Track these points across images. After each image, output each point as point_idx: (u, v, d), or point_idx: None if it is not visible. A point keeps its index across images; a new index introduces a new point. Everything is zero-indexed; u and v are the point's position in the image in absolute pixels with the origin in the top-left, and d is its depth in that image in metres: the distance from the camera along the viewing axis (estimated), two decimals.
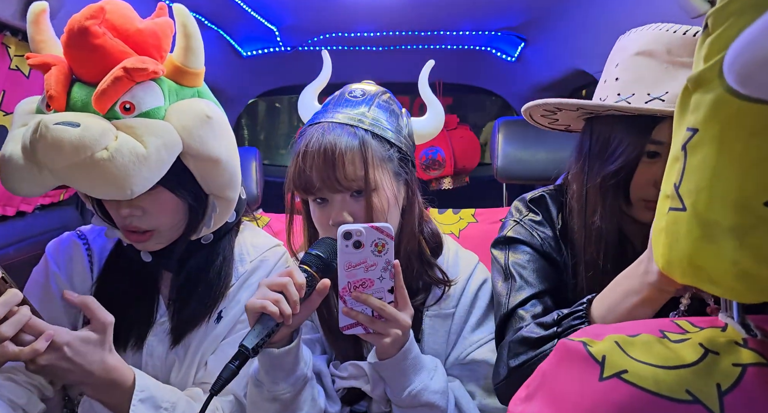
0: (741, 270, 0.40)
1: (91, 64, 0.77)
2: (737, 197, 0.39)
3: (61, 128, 0.71)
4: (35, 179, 0.76)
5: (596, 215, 0.89)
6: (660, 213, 0.47)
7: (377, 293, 0.85)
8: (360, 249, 0.83)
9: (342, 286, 0.84)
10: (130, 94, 0.79)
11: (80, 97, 0.78)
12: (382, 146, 0.93)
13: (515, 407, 0.49)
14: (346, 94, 0.99)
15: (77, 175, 0.75)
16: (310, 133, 0.93)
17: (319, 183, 0.90)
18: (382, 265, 0.84)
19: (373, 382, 0.95)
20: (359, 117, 0.94)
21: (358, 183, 0.90)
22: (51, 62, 0.77)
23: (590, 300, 0.80)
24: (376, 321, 0.84)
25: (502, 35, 2.03)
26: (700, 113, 0.41)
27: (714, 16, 0.40)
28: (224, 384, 0.74)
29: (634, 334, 0.46)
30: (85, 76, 0.79)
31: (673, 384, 0.41)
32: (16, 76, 1.14)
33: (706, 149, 0.41)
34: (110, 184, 0.76)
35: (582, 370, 0.45)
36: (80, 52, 0.76)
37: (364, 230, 0.82)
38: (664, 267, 0.47)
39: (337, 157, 0.89)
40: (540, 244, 0.97)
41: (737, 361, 0.42)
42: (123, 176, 0.76)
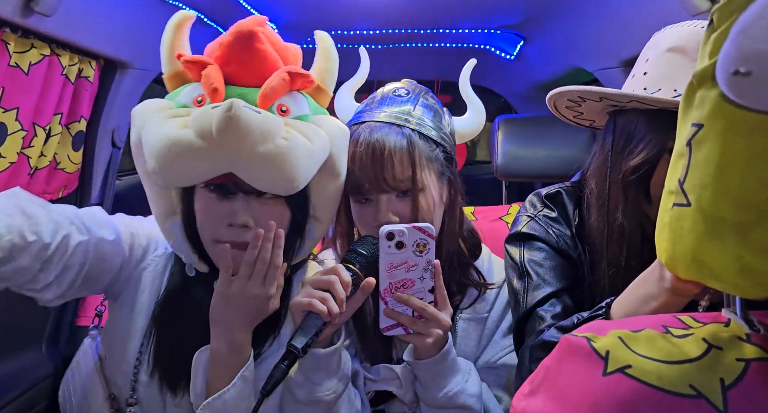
0: (744, 266, 0.40)
1: (250, 66, 0.79)
2: (741, 193, 0.40)
3: (250, 111, 0.70)
4: (208, 163, 0.73)
5: (618, 212, 0.86)
6: (664, 209, 0.47)
7: (418, 293, 0.85)
8: (402, 250, 0.83)
9: (383, 287, 0.84)
10: (285, 98, 0.81)
11: (234, 95, 0.77)
12: (428, 145, 0.93)
13: (518, 402, 0.49)
14: (391, 93, 0.99)
15: (256, 161, 0.73)
16: (357, 132, 0.93)
17: (368, 184, 0.90)
18: (423, 265, 0.84)
19: (406, 386, 0.94)
20: (405, 116, 0.93)
21: (406, 183, 0.90)
22: (206, 61, 0.79)
23: (609, 304, 0.78)
24: (417, 321, 0.85)
25: (501, 33, 2.02)
26: (704, 109, 0.41)
27: (719, 11, 0.41)
28: (276, 384, 0.73)
29: (637, 329, 0.47)
30: (239, 78, 0.80)
31: (677, 379, 0.41)
32: (15, 72, 1.14)
33: (711, 144, 0.41)
34: (283, 174, 0.75)
35: (586, 365, 0.45)
36: (244, 53, 0.78)
37: (407, 230, 0.83)
38: (667, 263, 0.47)
39: (386, 157, 0.88)
40: (556, 241, 0.95)
41: (741, 356, 0.42)
42: (296, 167, 0.75)
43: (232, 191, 0.80)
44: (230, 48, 0.79)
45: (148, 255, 0.95)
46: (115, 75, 1.50)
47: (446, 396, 0.88)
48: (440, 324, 0.85)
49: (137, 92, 1.64)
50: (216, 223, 0.82)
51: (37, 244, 0.73)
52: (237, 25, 0.79)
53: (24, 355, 1.41)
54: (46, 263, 0.76)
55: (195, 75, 0.82)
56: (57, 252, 0.76)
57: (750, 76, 0.34)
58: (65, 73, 1.29)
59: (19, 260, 0.71)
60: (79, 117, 1.41)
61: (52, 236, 0.75)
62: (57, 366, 1.48)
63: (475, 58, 1.07)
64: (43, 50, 1.19)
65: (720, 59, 0.36)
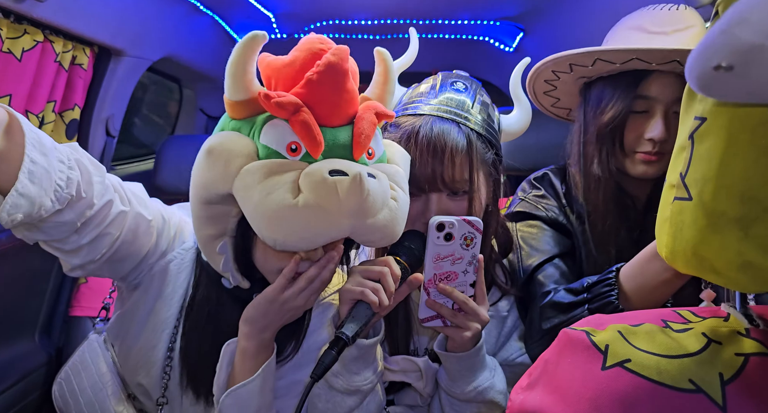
0: (745, 261, 0.40)
1: (340, 107, 0.74)
2: (744, 188, 0.39)
3: (373, 182, 0.70)
4: (330, 231, 0.71)
5: (593, 165, 1.00)
6: (665, 203, 0.47)
7: (460, 286, 0.86)
8: (450, 242, 0.83)
9: (428, 278, 0.84)
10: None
11: (326, 140, 0.73)
12: (483, 146, 0.91)
13: (517, 395, 0.49)
14: (449, 85, 0.95)
15: (374, 228, 0.73)
16: (416, 125, 0.89)
17: (425, 182, 0.87)
18: (468, 259, 0.85)
19: (426, 379, 0.94)
20: (465, 113, 0.91)
21: (462, 184, 0.88)
22: (299, 105, 0.71)
23: (618, 269, 0.85)
24: (457, 314, 0.85)
25: (500, 25, 2.01)
26: (708, 102, 0.41)
27: (724, 3, 0.40)
28: (326, 369, 0.73)
29: (636, 323, 0.46)
30: (324, 118, 0.74)
31: (676, 374, 0.41)
32: (7, 58, 1.12)
33: (714, 138, 0.41)
34: (393, 235, 0.77)
35: (585, 359, 0.45)
36: (335, 95, 0.72)
37: (456, 222, 0.83)
38: (667, 257, 0.47)
39: (447, 157, 0.86)
40: (545, 215, 1.06)
41: (740, 351, 0.42)
42: (402, 225, 0.78)
43: None
44: (321, 88, 0.71)
45: (175, 247, 0.93)
46: (110, 63, 1.48)
47: (476, 390, 0.88)
48: (479, 319, 0.85)
49: (132, 80, 1.62)
50: (286, 256, 0.80)
51: (84, 202, 0.72)
52: (325, 63, 0.70)
53: (17, 345, 1.41)
54: (85, 225, 0.75)
55: (281, 115, 0.72)
56: (98, 215, 0.76)
57: (731, 71, 0.33)
58: (59, 60, 1.27)
59: (65, 214, 0.70)
60: (72, 105, 1.40)
61: (99, 198, 0.75)
62: (50, 355, 1.48)
63: (528, 57, 1.03)
64: (36, 36, 1.17)
65: (698, 52, 0.35)
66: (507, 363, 1.00)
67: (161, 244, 0.91)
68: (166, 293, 0.91)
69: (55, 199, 0.67)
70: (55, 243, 0.75)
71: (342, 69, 0.70)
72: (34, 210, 0.64)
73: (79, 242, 0.76)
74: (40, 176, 0.64)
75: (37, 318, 1.49)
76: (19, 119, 0.65)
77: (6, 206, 0.62)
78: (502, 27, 2.03)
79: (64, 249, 0.76)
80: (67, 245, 0.76)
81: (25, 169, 0.62)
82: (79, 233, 0.75)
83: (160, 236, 0.90)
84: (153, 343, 0.90)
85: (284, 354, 0.92)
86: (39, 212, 0.65)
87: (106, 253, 0.80)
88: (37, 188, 0.64)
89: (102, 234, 0.78)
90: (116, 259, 0.84)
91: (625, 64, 0.94)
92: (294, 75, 0.74)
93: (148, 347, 0.90)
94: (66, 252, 0.77)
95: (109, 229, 0.78)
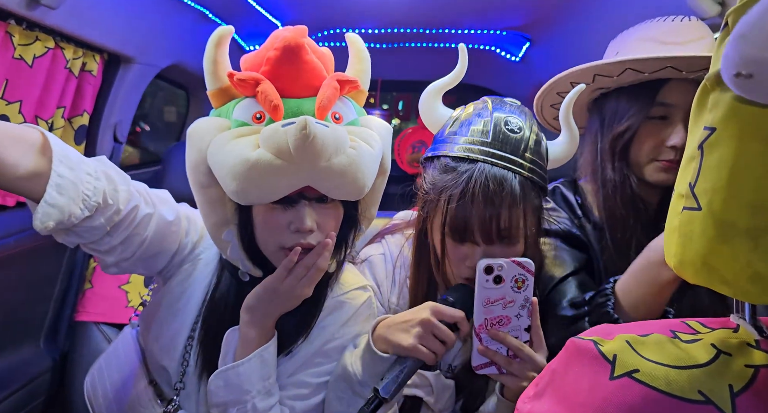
0: (755, 272, 0.40)
1: (299, 78, 0.81)
2: (754, 198, 0.39)
3: (322, 127, 0.73)
4: (287, 180, 0.76)
5: (608, 169, 1.01)
6: (673, 212, 0.47)
7: (513, 331, 0.82)
8: (500, 285, 0.81)
9: (479, 323, 0.81)
10: (337, 105, 0.84)
11: (290, 108, 0.80)
12: (535, 194, 0.89)
13: (523, 405, 0.48)
14: (504, 127, 0.89)
15: (331, 172, 0.77)
16: (468, 172, 0.86)
17: (479, 233, 0.85)
18: (521, 302, 0.81)
19: (437, 394, 0.93)
20: (520, 160, 0.87)
21: (515, 233, 0.86)
22: (258, 78, 0.80)
23: (615, 280, 0.86)
24: (512, 362, 0.81)
25: (507, 35, 2.02)
26: (718, 112, 0.41)
27: (734, 14, 0.40)
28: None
29: (644, 334, 0.46)
30: (288, 90, 0.81)
31: (685, 385, 0.41)
32: (19, 65, 1.14)
33: (724, 148, 0.41)
34: (357, 181, 0.79)
35: (592, 369, 0.44)
36: (293, 67, 0.79)
37: (506, 264, 0.80)
38: (676, 267, 0.47)
39: (502, 210, 0.83)
40: (558, 228, 1.05)
41: (750, 362, 0.42)
42: (367, 173, 0.80)
43: (296, 201, 0.83)
44: (278, 63, 0.79)
45: (203, 244, 0.99)
46: (119, 70, 1.50)
47: None
48: (536, 366, 0.80)
49: (140, 87, 1.63)
50: (282, 231, 0.84)
51: (111, 208, 0.80)
52: (281, 39, 0.78)
53: (22, 349, 1.41)
54: (115, 228, 0.83)
55: (246, 91, 0.82)
56: (126, 219, 0.83)
57: (752, 78, 0.33)
58: (69, 66, 1.28)
59: (95, 219, 0.79)
60: (81, 111, 1.41)
61: (125, 204, 0.82)
62: (55, 360, 1.48)
63: (584, 83, 0.99)
64: (47, 43, 1.19)
65: (722, 61, 0.36)
66: None
67: (189, 241, 0.98)
68: (194, 284, 0.96)
69: (83, 207, 0.75)
70: (91, 245, 0.83)
71: (297, 43, 0.78)
72: (65, 218, 0.73)
73: (112, 243, 0.84)
74: (67, 188, 0.73)
75: (42, 323, 1.49)
76: (50, 138, 0.74)
77: (38, 214, 0.70)
78: (509, 37, 2.04)
79: (100, 250, 0.85)
80: (102, 246, 0.84)
81: (53, 183, 0.71)
82: (111, 235, 0.83)
83: (187, 234, 0.97)
84: (177, 329, 0.95)
85: (292, 348, 0.93)
86: (69, 219, 0.74)
87: (137, 252, 0.88)
88: (65, 198, 0.72)
89: (131, 235, 0.85)
90: (147, 256, 0.90)
91: (652, 74, 0.95)
92: (261, 60, 0.82)
93: (172, 332, 0.95)
94: (101, 252, 0.85)
95: (138, 230, 0.86)
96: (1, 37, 1.07)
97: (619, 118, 1.00)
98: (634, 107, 0.98)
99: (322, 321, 0.96)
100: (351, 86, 0.85)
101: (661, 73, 0.94)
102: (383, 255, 1.07)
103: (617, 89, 1.02)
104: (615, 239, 1.02)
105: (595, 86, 1.03)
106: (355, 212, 0.93)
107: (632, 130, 0.98)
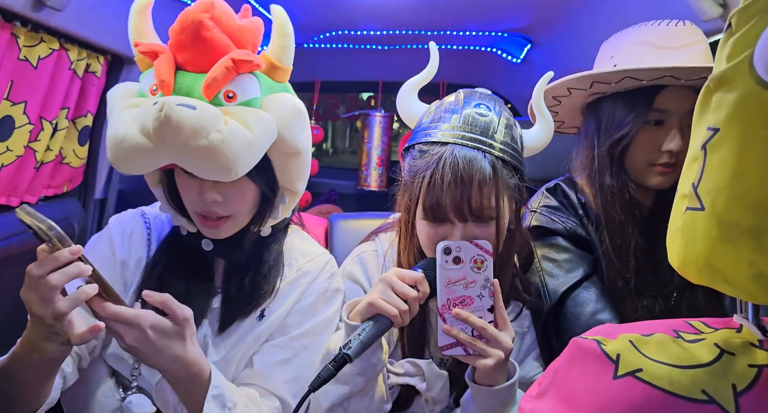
0: (758, 272, 0.40)
1: (199, 54, 0.82)
2: (757, 198, 0.39)
3: (182, 109, 0.75)
4: (150, 156, 0.79)
5: (605, 175, 1.01)
6: (676, 213, 0.47)
7: (477, 311, 0.84)
8: (459, 265, 0.83)
9: (441, 303, 0.83)
10: (232, 84, 0.84)
11: (185, 83, 0.82)
12: (508, 172, 0.91)
13: (526, 404, 0.49)
14: (473, 111, 0.93)
15: (192, 154, 0.78)
16: (440, 154, 0.89)
17: (452, 211, 0.87)
18: (482, 282, 0.84)
19: (429, 382, 0.93)
20: (490, 140, 0.90)
21: (488, 212, 0.88)
22: (158, 51, 0.82)
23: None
24: (477, 341, 0.82)
25: (508, 36, 2.02)
26: (721, 112, 0.41)
27: (738, 15, 0.40)
28: (322, 383, 0.76)
29: (647, 333, 0.46)
30: (189, 65, 0.84)
31: (689, 384, 0.41)
32: (24, 66, 1.14)
33: (727, 148, 0.41)
34: (220, 165, 0.80)
35: (596, 368, 0.45)
36: (191, 42, 0.81)
37: (464, 245, 0.83)
38: (679, 267, 0.47)
39: (473, 188, 0.86)
40: (563, 227, 1.05)
41: (753, 362, 0.42)
42: (232, 158, 0.80)
43: None
44: (179, 37, 0.82)
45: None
46: (122, 71, 1.50)
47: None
48: (501, 345, 0.81)
49: None
50: (194, 197, 0.90)
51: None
52: (183, 12, 0.81)
53: None
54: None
55: (146, 58, 0.85)
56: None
57: None
58: (73, 67, 1.29)
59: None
60: (85, 112, 1.41)
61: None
62: None
63: (552, 71, 1.02)
64: (52, 44, 1.19)
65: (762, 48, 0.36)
66: (523, 381, 0.98)
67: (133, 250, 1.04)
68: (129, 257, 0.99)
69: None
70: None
71: (194, 20, 0.80)
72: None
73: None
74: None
75: None
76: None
77: None
78: (510, 38, 2.04)
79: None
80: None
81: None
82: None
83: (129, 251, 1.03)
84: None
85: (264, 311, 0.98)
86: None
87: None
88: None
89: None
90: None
91: (650, 81, 0.95)
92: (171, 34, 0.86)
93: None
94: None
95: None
96: (7, 39, 1.08)
97: (617, 124, 1.00)
98: (632, 114, 0.98)
99: (290, 286, 1.01)
100: (250, 66, 0.84)
101: (659, 80, 0.95)
102: (375, 252, 1.09)
103: (613, 94, 1.02)
104: (614, 244, 1.02)
105: (592, 91, 1.04)
106: (269, 188, 0.94)
107: (630, 136, 0.98)
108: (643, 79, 0.95)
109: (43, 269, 0.71)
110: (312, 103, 2.55)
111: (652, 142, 0.98)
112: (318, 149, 4.02)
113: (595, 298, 0.97)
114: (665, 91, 0.96)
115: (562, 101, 1.10)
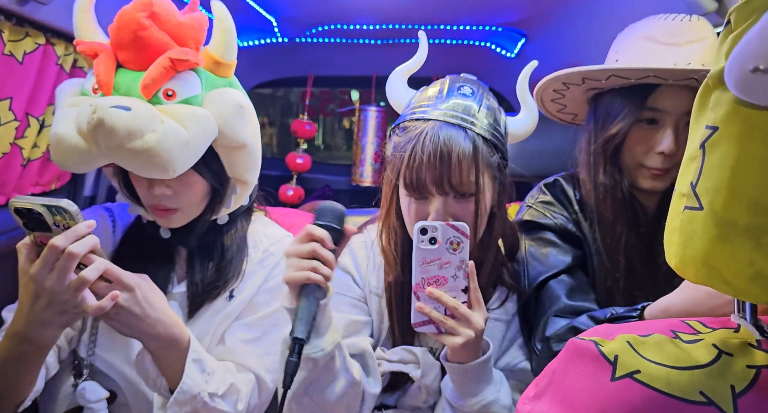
0: (756, 271, 0.40)
1: (137, 53, 0.83)
2: (756, 197, 0.39)
3: (115, 112, 0.76)
4: (87, 157, 0.81)
5: (600, 173, 1.02)
6: (674, 212, 0.46)
7: (451, 291, 0.85)
8: (435, 246, 0.84)
9: (416, 281, 0.85)
10: (172, 82, 0.85)
11: (125, 82, 0.83)
12: (489, 150, 0.92)
13: (523, 406, 0.48)
14: (455, 90, 0.96)
15: (127, 155, 0.80)
16: (421, 129, 0.91)
17: (432, 185, 0.89)
18: (457, 263, 0.85)
19: (424, 370, 0.95)
20: (471, 118, 0.92)
21: (468, 187, 0.90)
22: (98, 49, 0.82)
23: (644, 307, 0.84)
24: (448, 319, 0.84)
25: (502, 31, 2.01)
26: (720, 111, 0.40)
27: (737, 12, 0.40)
28: (292, 377, 0.76)
29: (645, 334, 0.46)
30: (129, 63, 0.85)
31: (687, 385, 0.41)
32: (9, 61, 1.12)
33: (725, 147, 0.40)
34: (156, 164, 0.81)
35: (593, 369, 0.44)
36: (129, 41, 0.82)
37: (440, 226, 0.84)
38: (677, 266, 0.46)
39: (453, 162, 0.88)
40: (553, 223, 1.06)
41: (751, 363, 0.42)
42: (168, 157, 0.81)
43: None
44: (117, 36, 0.83)
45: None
46: None
47: (480, 404, 0.87)
48: (472, 325, 0.83)
49: None
50: (143, 191, 0.93)
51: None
52: (120, 11, 0.82)
53: None
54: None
55: (90, 62, 0.86)
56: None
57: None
58: (60, 62, 1.26)
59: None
60: None
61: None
62: None
63: (536, 60, 1.04)
64: (38, 39, 1.17)
65: (736, 56, 0.35)
66: (509, 368, 1.00)
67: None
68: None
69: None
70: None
71: (132, 18, 0.81)
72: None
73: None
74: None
75: None
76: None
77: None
78: (504, 33, 2.03)
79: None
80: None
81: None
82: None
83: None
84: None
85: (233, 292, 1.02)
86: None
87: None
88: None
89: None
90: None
91: (638, 80, 0.94)
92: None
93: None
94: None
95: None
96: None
97: (611, 120, 0.99)
98: (625, 110, 0.97)
99: (257, 266, 1.06)
100: (188, 64, 0.85)
101: (645, 80, 0.94)
102: (364, 243, 1.11)
103: (611, 89, 1.01)
104: (605, 242, 1.02)
105: (587, 87, 1.03)
106: (217, 181, 0.97)
107: (623, 133, 0.97)
108: (630, 78, 0.94)
109: (68, 241, 0.76)
110: (304, 98, 2.53)
111: (645, 142, 0.97)
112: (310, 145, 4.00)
113: (566, 291, 0.97)
114: (660, 90, 0.95)
115: (566, 95, 1.10)
